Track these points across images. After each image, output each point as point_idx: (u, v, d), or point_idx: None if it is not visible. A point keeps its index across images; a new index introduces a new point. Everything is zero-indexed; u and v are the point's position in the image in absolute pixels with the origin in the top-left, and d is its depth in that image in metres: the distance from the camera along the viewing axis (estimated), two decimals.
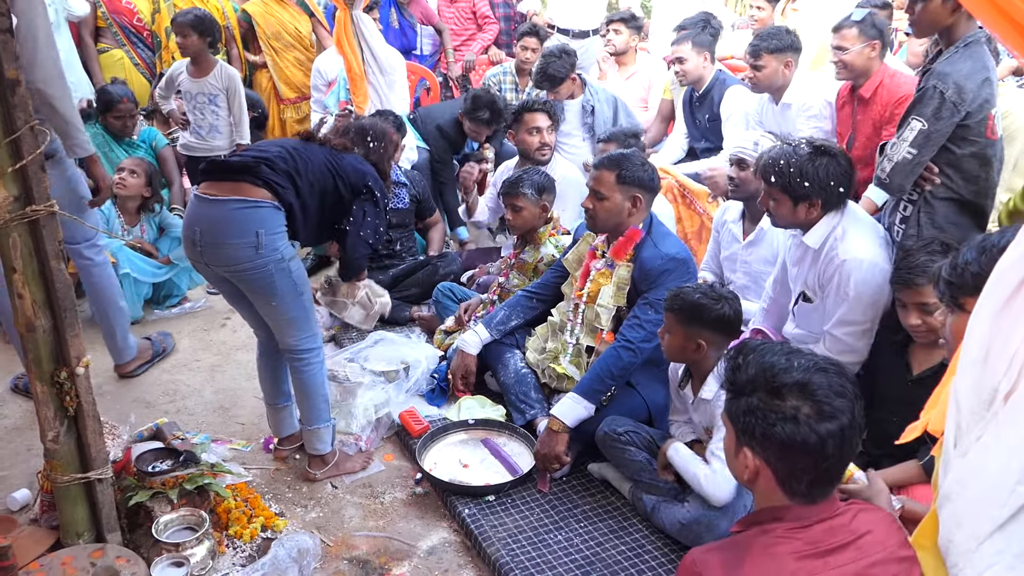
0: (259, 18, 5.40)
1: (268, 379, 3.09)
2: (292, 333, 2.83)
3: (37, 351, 2.29)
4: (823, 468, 1.43)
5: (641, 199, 2.97)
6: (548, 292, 3.38)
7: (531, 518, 2.78)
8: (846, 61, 3.71)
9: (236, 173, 2.68)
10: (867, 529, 1.47)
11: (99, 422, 2.43)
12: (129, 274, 4.21)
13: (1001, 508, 1.27)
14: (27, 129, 2.10)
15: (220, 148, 4.79)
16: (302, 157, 2.80)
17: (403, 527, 2.83)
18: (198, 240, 2.68)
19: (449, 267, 4.33)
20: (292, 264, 2.73)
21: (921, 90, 2.69)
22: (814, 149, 2.71)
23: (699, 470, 2.55)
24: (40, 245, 2.21)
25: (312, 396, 2.93)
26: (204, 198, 2.68)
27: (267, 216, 2.65)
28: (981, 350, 1.33)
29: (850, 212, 2.79)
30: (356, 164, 2.96)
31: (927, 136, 2.69)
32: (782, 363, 1.45)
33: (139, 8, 5.47)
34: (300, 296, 2.79)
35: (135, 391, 3.70)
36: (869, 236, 2.78)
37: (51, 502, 2.55)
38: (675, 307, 2.59)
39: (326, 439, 3.02)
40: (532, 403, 3.19)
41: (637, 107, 5.56)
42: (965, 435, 1.36)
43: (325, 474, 3.04)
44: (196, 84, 4.65)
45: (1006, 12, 1.27)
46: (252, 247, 2.62)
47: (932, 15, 2.69)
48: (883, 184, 2.79)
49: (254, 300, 2.80)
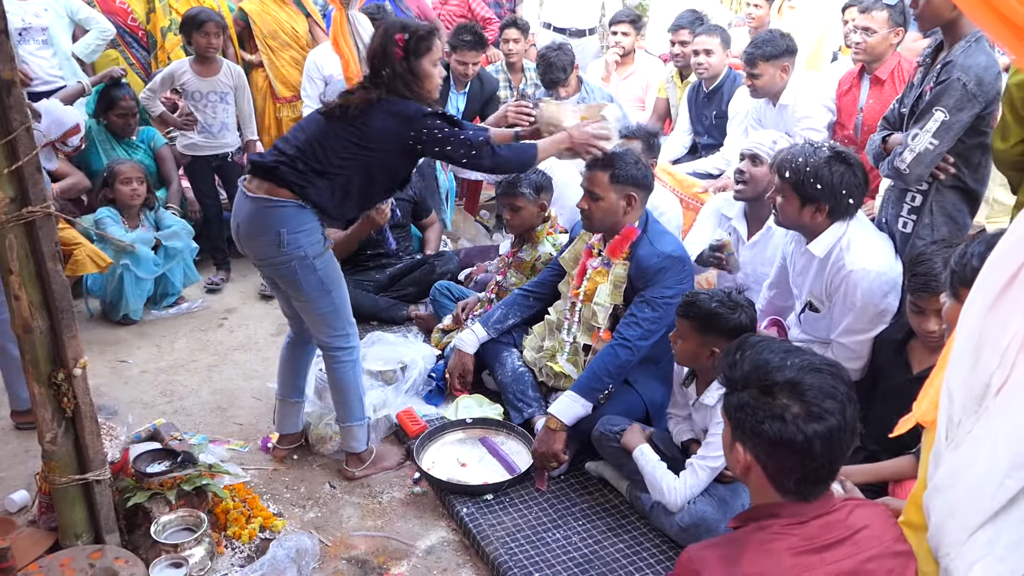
0: (256, 17, 5.39)
1: (287, 371, 3.12)
2: (323, 329, 2.88)
3: (34, 352, 2.29)
4: (811, 468, 1.43)
5: (636, 197, 2.97)
6: (545, 290, 3.38)
7: (529, 517, 2.78)
8: (871, 44, 3.70)
9: (266, 172, 2.72)
10: (863, 524, 1.47)
11: (96, 423, 2.43)
12: (132, 272, 4.21)
13: (991, 500, 1.28)
14: (23, 130, 2.10)
15: (230, 145, 4.82)
16: (322, 144, 2.68)
17: (401, 527, 2.84)
18: (238, 232, 2.81)
19: (446, 266, 4.33)
20: (317, 262, 2.75)
21: (944, 82, 2.71)
22: (834, 154, 2.73)
23: (663, 477, 2.58)
24: (36, 246, 2.20)
25: (345, 393, 2.97)
26: (243, 193, 2.76)
27: (289, 215, 2.69)
28: (973, 344, 1.33)
29: (856, 221, 2.80)
30: (384, 124, 2.66)
31: (948, 127, 2.70)
32: (776, 361, 1.46)
33: (133, 8, 5.47)
34: (328, 293, 2.81)
35: (132, 392, 3.70)
36: (876, 245, 2.80)
37: (49, 503, 2.55)
38: (690, 314, 2.55)
39: (360, 437, 3.05)
40: (530, 401, 3.19)
41: (634, 106, 5.57)
42: (956, 428, 1.37)
43: (363, 471, 3.06)
44: (206, 83, 4.66)
45: (997, 9, 1.28)
46: (275, 244, 2.70)
47: (935, 9, 2.72)
48: (900, 174, 2.81)
49: (288, 292, 2.88)
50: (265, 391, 3.61)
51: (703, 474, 2.54)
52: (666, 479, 2.58)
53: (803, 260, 2.92)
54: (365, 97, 2.68)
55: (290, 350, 3.11)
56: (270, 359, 3.84)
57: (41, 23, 4.89)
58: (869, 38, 3.71)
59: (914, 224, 2.92)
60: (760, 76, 4.06)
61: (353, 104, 2.67)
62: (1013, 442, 1.26)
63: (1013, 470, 1.26)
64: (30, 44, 4.91)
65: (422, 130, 2.66)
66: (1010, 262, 1.29)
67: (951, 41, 2.78)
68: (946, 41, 2.82)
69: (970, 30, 2.72)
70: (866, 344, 2.76)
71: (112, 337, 4.20)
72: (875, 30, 3.69)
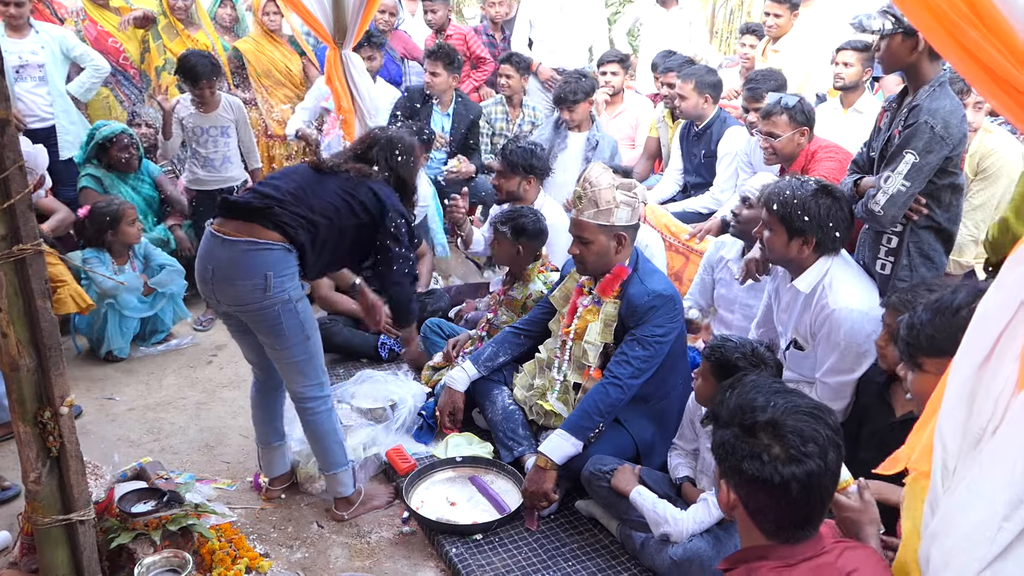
0: (250, 56, 5.46)
1: (262, 418, 3.07)
2: (297, 379, 2.83)
3: (20, 391, 2.26)
4: (788, 511, 1.43)
5: (626, 236, 2.99)
6: (535, 328, 3.38)
7: (519, 557, 2.75)
8: (776, 147, 3.79)
9: (248, 214, 2.68)
10: (853, 567, 1.47)
11: (82, 462, 2.39)
12: (117, 311, 4.19)
13: (989, 545, 1.27)
14: (15, 168, 2.11)
15: (235, 179, 4.83)
16: (315, 192, 2.75)
17: (390, 567, 2.80)
18: (210, 278, 2.71)
19: (437, 303, 4.34)
20: (299, 306, 2.73)
21: (912, 125, 2.78)
22: (820, 188, 2.77)
23: (665, 510, 2.57)
24: (26, 284, 2.19)
25: (325, 441, 2.92)
26: (218, 236, 2.70)
27: (277, 258, 2.66)
28: (966, 394, 1.34)
29: (840, 259, 2.84)
30: (376, 193, 2.84)
31: (919, 169, 2.76)
32: (760, 401, 1.47)
33: (126, 47, 5.55)
34: (307, 340, 2.77)
35: (119, 430, 3.66)
36: (858, 284, 2.82)
37: (31, 544, 2.51)
38: (712, 359, 2.54)
39: (347, 482, 3.01)
40: (520, 440, 3.18)
41: (625, 144, 5.64)
42: (951, 475, 1.37)
43: (352, 513, 3.03)
44: (206, 118, 4.70)
45: (977, 57, 1.31)
46: (260, 288, 2.64)
47: (893, 53, 2.82)
48: (875, 217, 2.85)
49: (262, 341, 2.81)
50: (252, 429, 3.56)
51: (715, 511, 2.52)
52: (668, 510, 2.56)
53: (788, 296, 2.93)
54: (364, 171, 2.84)
55: (260, 396, 3.05)
56: None
57: (38, 60, 4.94)
58: (775, 142, 3.78)
59: (892, 266, 2.97)
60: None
61: (351, 168, 2.83)
62: (1009, 485, 1.26)
63: (1011, 512, 1.26)
64: (27, 82, 4.95)
65: (395, 222, 2.85)
66: (1000, 315, 1.31)
67: (915, 86, 2.86)
68: (910, 86, 2.90)
69: (932, 75, 2.79)
70: (849, 385, 2.77)
71: (99, 374, 4.17)
72: (778, 134, 3.76)
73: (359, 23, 4.26)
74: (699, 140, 4.88)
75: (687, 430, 2.86)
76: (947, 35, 1.33)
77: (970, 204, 3.87)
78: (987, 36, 1.28)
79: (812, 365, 2.88)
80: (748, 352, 2.49)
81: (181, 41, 5.54)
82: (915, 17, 1.46)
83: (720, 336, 2.65)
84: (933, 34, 1.37)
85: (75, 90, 5.18)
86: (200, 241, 2.65)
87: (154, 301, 4.41)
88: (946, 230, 2.95)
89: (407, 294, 3.08)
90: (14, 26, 4.87)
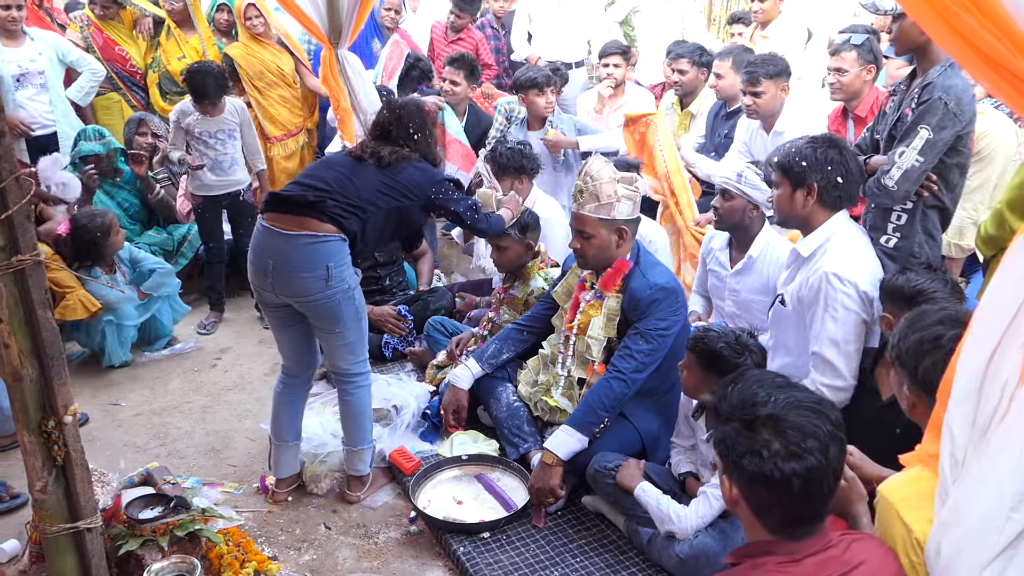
0: (241, 60, 5.43)
1: (286, 414, 3.11)
2: (347, 357, 2.95)
3: (24, 401, 2.26)
4: (790, 507, 1.42)
5: (627, 230, 2.98)
6: (538, 324, 3.38)
7: (527, 554, 2.75)
8: (844, 83, 3.83)
9: (302, 208, 2.75)
10: (860, 560, 1.46)
11: (88, 470, 2.39)
12: (112, 321, 4.18)
13: (999, 535, 1.27)
14: (12, 180, 2.10)
15: (242, 181, 4.82)
16: (359, 182, 2.86)
17: (398, 567, 2.80)
18: (270, 271, 2.79)
19: (440, 302, 4.33)
20: (356, 292, 2.88)
21: (926, 102, 2.79)
22: (823, 138, 2.76)
23: (670, 506, 2.56)
24: (26, 295, 2.19)
25: (359, 417, 3.04)
26: (274, 231, 2.77)
27: (335, 249, 2.77)
28: (975, 386, 1.34)
29: (846, 228, 2.72)
30: (415, 177, 2.96)
31: (932, 144, 2.78)
32: (762, 396, 1.46)
33: (131, 55, 5.58)
34: (360, 321, 2.93)
35: (125, 435, 3.67)
36: (860, 253, 2.73)
37: (40, 553, 2.52)
38: (696, 349, 2.53)
39: (367, 459, 3.12)
40: (525, 437, 3.17)
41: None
42: (960, 465, 1.37)
43: (365, 494, 3.12)
44: (213, 122, 4.66)
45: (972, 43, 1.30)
46: (323, 279, 2.74)
47: (906, 33, 2.85)
48: (888, 192, 2.86)
49: (318, 326, 2.92)
50: (259, 432, 3.58)
51: (716, 503, 2.52)
52: (673, 507, 2.56)
53: (790, 256, 2.87)
54: (402, 154, 2.94)
55: (287, 392, 3.10)
56: (264, 399, 3.81)
57: (37, 67, 4.95)
58: (842, 77, 3.81)
59: (898, 240, 3.01)
60: (763, 94, 4.07)
61: (388, 153, 2.92)
62: (1016, 476, 1.26)
63: (1019, 503, 1.25)
64: (28, 89, 4.97)
65: (442, 191, 3.01)
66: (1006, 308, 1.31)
67: (925, 66, 2.88)
68: (919, 67, 2.92)
69: (943, 56, 2.81)
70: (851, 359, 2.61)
71: (104, 380, 4.18)
72: (846, 69, 3.80)
73: (354, 22, 4.25)
74: (727, 120, 4.84)
75: (683, 426, 2.85)
76: (940, 20, 1.32)
77: (967, 186, 3.85)
78: (983, 23, 1.27)
79: (793, 328, 2.79)
80: (732, 341, 2.48)
81: (174, 41, 5.55)
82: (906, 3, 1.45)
83: (702, 327, 2.64)
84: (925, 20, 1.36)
85: (74, 95, 5.18)
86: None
87: (149, 304, 4.39)
88: (947, 210, 3.01)
89: (495, 226, 3.34)
90: (9, 33, 4.87)
